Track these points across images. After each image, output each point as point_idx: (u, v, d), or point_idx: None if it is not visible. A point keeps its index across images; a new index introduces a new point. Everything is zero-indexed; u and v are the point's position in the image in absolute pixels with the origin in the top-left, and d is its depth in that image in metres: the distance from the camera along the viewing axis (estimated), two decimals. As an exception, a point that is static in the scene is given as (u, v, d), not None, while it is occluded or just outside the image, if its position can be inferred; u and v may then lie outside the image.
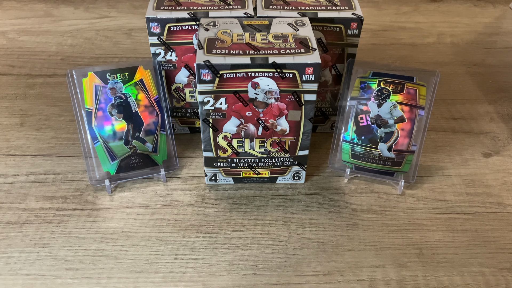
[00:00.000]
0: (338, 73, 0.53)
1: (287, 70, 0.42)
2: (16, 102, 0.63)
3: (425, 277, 0.43)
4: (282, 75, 0.42)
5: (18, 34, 0.77)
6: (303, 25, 0.46)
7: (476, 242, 0.46)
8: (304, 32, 0.45)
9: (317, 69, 0.42)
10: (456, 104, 0.64)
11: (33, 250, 0.44)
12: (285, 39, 0.44)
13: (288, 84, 0.43)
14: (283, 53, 0.43)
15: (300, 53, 0.43)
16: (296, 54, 0.42)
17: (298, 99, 0.44)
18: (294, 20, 0.47)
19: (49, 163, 0.54)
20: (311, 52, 0.43)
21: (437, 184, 0.52)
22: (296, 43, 0.44)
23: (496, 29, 0.81)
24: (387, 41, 0.77)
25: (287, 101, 0.44)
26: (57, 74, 0.69)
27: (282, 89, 0.43)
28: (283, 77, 0.42)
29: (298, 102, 0.44)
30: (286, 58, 0.42)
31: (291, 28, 0.46)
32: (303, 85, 0.43)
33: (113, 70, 0.49)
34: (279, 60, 0.42)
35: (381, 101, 0.49)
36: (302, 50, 0.43)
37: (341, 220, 0.48)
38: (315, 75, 0.42)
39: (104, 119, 0.49)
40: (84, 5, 0.85)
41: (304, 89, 0.43)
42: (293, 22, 0.47)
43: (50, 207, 0.49)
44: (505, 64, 0.72)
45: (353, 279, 0.43)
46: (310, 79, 0.42)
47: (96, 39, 0.76)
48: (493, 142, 0.58)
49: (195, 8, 0.49)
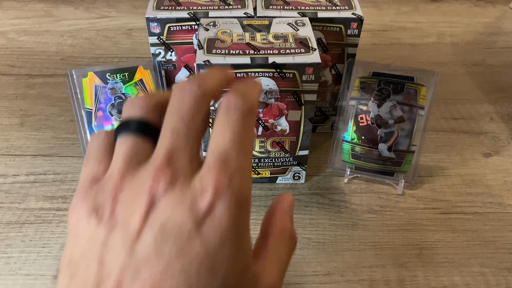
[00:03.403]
0: (338, 73, 0.53)
1: (287, 70, 0.42)
2: (16, 102, 0.63)
3: (425, 277, 0.43)
4: (282, 75, 0.42)
5: (18, 34, 0.77)
6: (303, 25, 0.46)
7: (476, 242, 0.46)
8: (304, 32, 0.45)
9: (317, 69, 0.42)
10: (456, 104, 0.64)
11: (33, 250, 0.44)
12: (285, 39, 0.44)
13: (288, 84, 0.43)
14: (283, 53, 0.43)
15: (300, 53, 0.43)
16: (296, 54, 0.42)
17: (298, 99, 0.44)
18: (294, 20, 0.47)
19: (49, 163, 0.54)
20: (311, 52, 0.43)
21: (437, 184, 0.52)
22: (296, 43, 0.44)
23: (496, 29, 0.81)
24: (387, 41, 0.77)
25: (287, 101, 0.44)
26: (57, 74, 0.68)
27: (282, 89, 0.43)
28: (283, 77, 0.42)
29: (298, 102, 0.44)
30: (286, 58, 0.42)
31: (291, 28, 0.46)
32: (303, 85, 0.43)
33: (113, 70, 0.49)
34: (279, 60, 0.42)
35: (381, 101, 0.49)
36: (302, 50, 0.43)
37: (341, 220, 0.48)
38: (315, 75, 0.42)
39: (104, 119, 0.49)
40: (84, 5, 0.85)
41: (304, 89, 0.43)
42: (293, 22, 0.47)
43: (50, 207, 0.49)
44: (505, 64, 0.72)
45: (353, 279, 0.43)
46: (310, 79, 0.42)
47: (96, 39, 0.76)
48: (493, 142, 0.58)
49: (195, 8, 0.49)
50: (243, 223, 0.23)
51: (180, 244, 0.21)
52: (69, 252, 0.23)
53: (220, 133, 0.25)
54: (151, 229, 0.21)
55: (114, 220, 0.22)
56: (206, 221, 0.21)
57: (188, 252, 0.21)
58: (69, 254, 0.23)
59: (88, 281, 0.22)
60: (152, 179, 0.22)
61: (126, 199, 0.23)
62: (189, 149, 0.24)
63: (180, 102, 0.25)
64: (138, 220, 0.22)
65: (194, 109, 0.25)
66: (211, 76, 0.26)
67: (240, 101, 0.25)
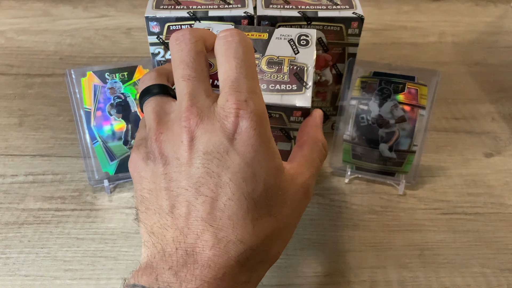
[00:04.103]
0: (338, 72, 0.53)
1: (272, 111, 0.37)
2: (14, 102, 0.63)
3: (426, 278, 0.43)
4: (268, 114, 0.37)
5: (17, 34, 0.77)
6: (305, 44, 0.39)
7: (477, 242, 0.46)
8: (304, 56, 0.39)
9: (306, 113, 0.36)
10: (457, 103, 0.64)
11: (32, 251, 0.44)
12: (279, 67, 0.38)
13: (275, 122, 0.38)
14: (272, 89, 0.36)
15: (290, 90, 0.36)
16: (285, 92, 0.36)
17: (287, 134, 0.40)
18: (298, 35, 0.40)
19: (48, 163, 0.54)
20: (303, 90, 0.36)
21: (439, 185, 0.52)
22: (290, 75, 0.37)
23: (498, 28, 0.81)
24: (388, 41, 0.77)
25: (274, 135, 0.39)
26: (56, 73, 0.68)
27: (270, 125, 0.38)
28: (269, 115, 0.36)
29: (287, 136, 0.40)
30: (273, 97, 0.36)
31: (290, 48, 0.39)
32: (292, 124, 0.38)
33: (112, 70, 0.48)
34: (265, 99, 0.34)
35: (382, 100, 0.49)
36: (294, 86, 0.36)
37: (342, 221, 0.48)
38: (304, 117, 0.37)
39: (103, 119, 0.48)
40: (83, 4, 0.84)
41: (293, 127, 0.38)
42: (295, 37, 0.40)
43: (49, 208, 0.48)
44: (507, 64, 0.72)
45: (354, 280, 0.42)
46: (299, 120, 0.37)
47: (95, 38, 0.76)
48: (494, 142, 0.57)
49: (195, 7, 0.49)
50: (266, 132, 0.28)
51: (222, 160, 0.26)
52: (139, 194, 0.29)
53: (226, 63, 0.29)
54: (197, 155, 0.26)
55: (164, 157, 0.27)
56: (237, 137, 0.26)
57: (230, 165, 0.26)
58: (139, 195, 0.29)
59: (162, 207, 0.27)
60: (184, 119, 0.27)
61: (168, 139, 0.28)
62: (203, 87, 0.29)
63: (180, 51, 0.29)
64: (185, 151, 0.27)
65: (193, 52, 0.29)
66: (198, 29, 0.31)
67: (235, 31, 0.29)
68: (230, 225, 0.25)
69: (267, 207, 0.27)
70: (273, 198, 0.27)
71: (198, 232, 0.25)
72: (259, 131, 0.27)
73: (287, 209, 0.28)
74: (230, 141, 0.26)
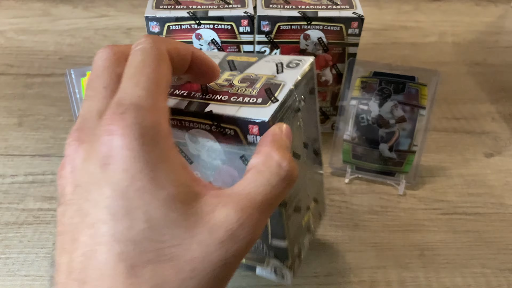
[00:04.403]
0: (338, 72, 0.53)
1: (226, 124, 0.29)
2: (14, 102, 0.63)
3: (426, 278, 0.42)
4: (221, 130, 0.30)
5: (17, 33, 0.77)
6: (295, 66, 0.33)
7: (477, 243, 0.46)
8: (285, 76, 0.32)
9: (264, 128, 0.28)
10: (457, 103, 0.64)
11: (32, 251, 0.44)
12: (252, 82, 0.31)
13: (232, 142, 0.30)
14: (232, 101, 0.30)
15: (254, 103, 0.29)
16: (246, 104, 0.29)
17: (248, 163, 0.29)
18: (290, 60, 0.34)
19: (48, 163, 0.54)
20: (268, 104, 0.29)
21: (439, 185, 0.52)
22: (261, 90, 0.30)
23: (498, 28, 0.81)
24: (388, 40, 0.77)
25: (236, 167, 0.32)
26: (56, 73, 0.68)
27: (224, 149, 0.31)
28: (223, 133, 0.30)
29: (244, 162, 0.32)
30: (228, 108, 0.29)
31: (275, 69, 0.33)
32: (252, 148, 0.29)
33: (112, 70, 0.48)
34: (218, 110, 0.29)
35: (382, 100, 0.49)
36: (259, 100, 0.30)
37: (342, 221, 0.48)
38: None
39: (102, 119, 0.48)
40: (83, 4, 0.84)
41: (254, 152, 0.28)
42: (286, 61, 0.33)
43: (49, 208, 0.48)
44: (507, 64, 0.72)
45: (354, 280, 0.42)
46: (256, 141, 0.29)
47: (95, 38, 0.76)
48: (495, 142, 0.57)
49: (195, 7, 0.49)
50: (152, 152, 0.22)
51: (93, 194, 0.22)
52: None
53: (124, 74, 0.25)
54: (75, 191, 0.23)
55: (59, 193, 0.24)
56: (110, 162, 0.21)
57: (99, 199, 0.21)
58: None
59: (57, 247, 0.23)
60: (67, 147, 0.24)
61: (60, 174, 0.24)
62: (97, 107, 0.25)
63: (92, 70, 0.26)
64: (67, 185, 0.23)
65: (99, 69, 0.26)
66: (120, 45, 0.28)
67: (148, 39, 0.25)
68: (97, 277, 0.20)
69: (155, 251, 0.21)
70: (167, 238, 0.21)
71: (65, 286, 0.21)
72: (139, 150, 0.21)
73: (195, 252, 0.21)
74: (102, 168, 0.21)
